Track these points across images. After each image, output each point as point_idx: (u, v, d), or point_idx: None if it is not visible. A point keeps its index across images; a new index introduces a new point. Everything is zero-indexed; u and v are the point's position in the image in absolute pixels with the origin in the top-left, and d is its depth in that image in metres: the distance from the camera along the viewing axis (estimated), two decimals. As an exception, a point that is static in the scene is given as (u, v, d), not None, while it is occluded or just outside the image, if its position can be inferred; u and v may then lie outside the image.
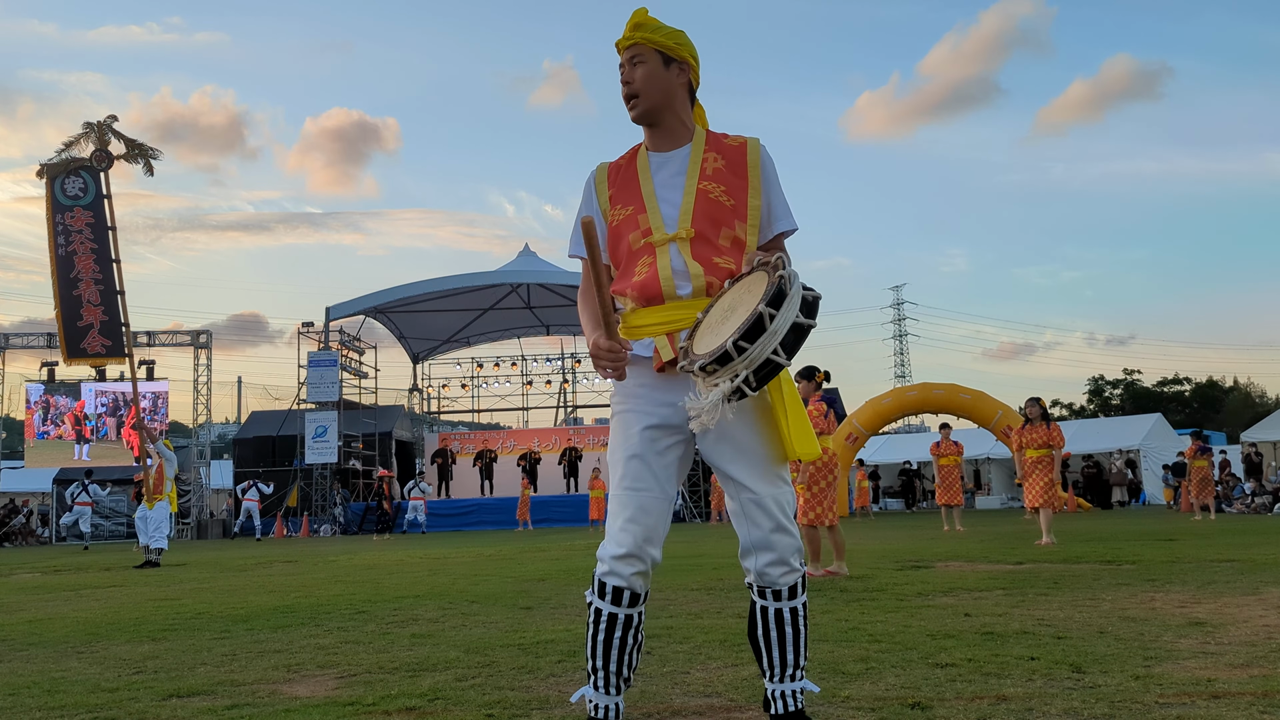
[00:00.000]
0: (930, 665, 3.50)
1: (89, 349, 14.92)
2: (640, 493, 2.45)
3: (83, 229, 14.66)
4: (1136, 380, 60.96)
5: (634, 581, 2.45)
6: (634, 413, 2.51)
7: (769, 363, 2.20)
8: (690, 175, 2.54)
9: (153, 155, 14.50)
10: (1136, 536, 11.37)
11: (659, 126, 2.60)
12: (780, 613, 2.46)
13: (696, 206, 2.50)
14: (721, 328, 2.29)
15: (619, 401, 2.55)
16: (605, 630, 2.47)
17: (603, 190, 2.63)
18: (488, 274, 30.53)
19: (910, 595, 5.77)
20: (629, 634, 2.48)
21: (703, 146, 2.59)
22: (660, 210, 2.52)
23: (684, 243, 2.48)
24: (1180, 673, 3.23)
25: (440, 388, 35.82)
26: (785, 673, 2.47)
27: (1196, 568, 6.93)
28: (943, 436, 15.92)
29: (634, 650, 2.52)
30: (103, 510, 27.93)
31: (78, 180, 14.60)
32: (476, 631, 4.88)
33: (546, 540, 16.45)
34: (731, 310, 2.32)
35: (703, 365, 2.23)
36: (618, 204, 2.58)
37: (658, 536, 2.47)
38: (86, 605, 7.21)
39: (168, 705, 3.32)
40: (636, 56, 2.54)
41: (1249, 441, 26.66)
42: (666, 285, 2.47)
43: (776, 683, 2.47)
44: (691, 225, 2.48)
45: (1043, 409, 11.62)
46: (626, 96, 2.56)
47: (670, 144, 2.60)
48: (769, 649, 2.48)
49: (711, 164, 2.56)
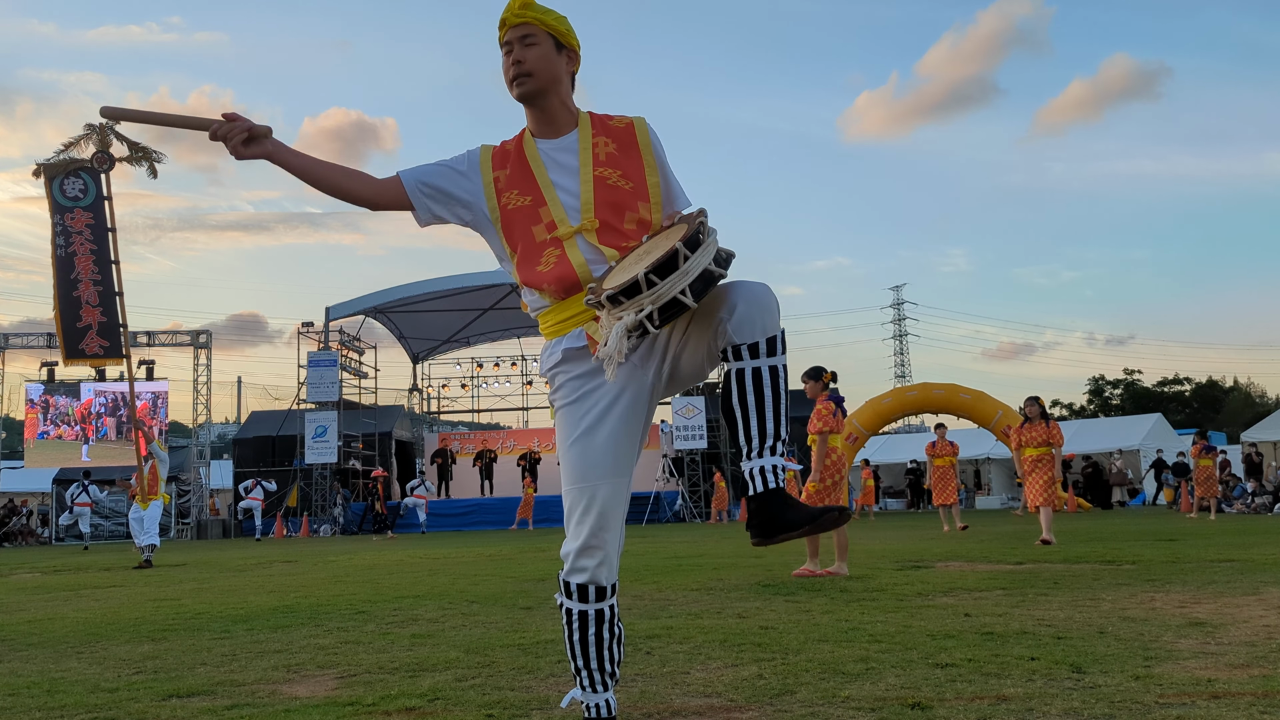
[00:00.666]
0: (930, 665, 3.50)
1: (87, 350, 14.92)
2: (590, 485, 2.43)
3: (83, 230, 14.65)
4: (1137, 380, 60.96)
5: (597, 574, 2.45)
6: (578, 402, 2.48)
7: (675, 302, 2.16)
8: (584, 163, 2.52)
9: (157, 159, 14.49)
10: (1136, 536, 11.37)
11: (544, 110, 2.56)
12: (759, 372, 2.28)
13: (597, 196, 2.49)
14: (634, 266, 2.26)
15: (562, 397, 2.51)
16: (580, 629, 2.48)
17: (488, 169, 2.57)
18: (488, 274, 30.50)
19: (910, 595, 5.77)
20: (604, 629, 2.48)
21: (590, 131, 2.57)
22: (561, 201, 2.50)
23: (590, 233, 2.47)
24: (1180, 673, 3.23)
25: (440, 388, 35.82)
26: (765, 444, 2.28)
27: (1197, 568, 6.92)
28: (938, 437, 15.91)
29: (616, 646, 2.53)
30: (103, 510, 27.92)
31: (78, 181, 14.60)
32: (476, 631, 4.88)
33: (546, 540, 16.45)
34: (646, 253, 2.31)
35: (610, 295, 2.19)
36: (511, 189, 2.53)
37: (614, 523, 2.45)
38: (86, 605, 7.21)
39: (168, 705, 3.32)
40: (529, 36, 2.51)
41: (1249, 441, 26.65)
42: (583, 271, 2.44)
43: (756, 458, 2.28)
44: (595, 216, 2.47)
45: (1041, 408, 11.62)
46: (515, 75, 2.51)
47: (555, 130, 2.57)
48: (746, 415, 2.29)
49: (603, 149, 2.54)
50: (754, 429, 2.28)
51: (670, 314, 2.18)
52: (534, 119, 2.59)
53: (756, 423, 2.28)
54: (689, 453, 27.47)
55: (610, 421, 2.45)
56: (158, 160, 14.53)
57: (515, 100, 2.58)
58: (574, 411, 2.48)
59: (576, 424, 2.47)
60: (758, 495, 2.26)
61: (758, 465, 2.27)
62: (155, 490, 13.22)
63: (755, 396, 2.28)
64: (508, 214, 2.54)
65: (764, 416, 2.29)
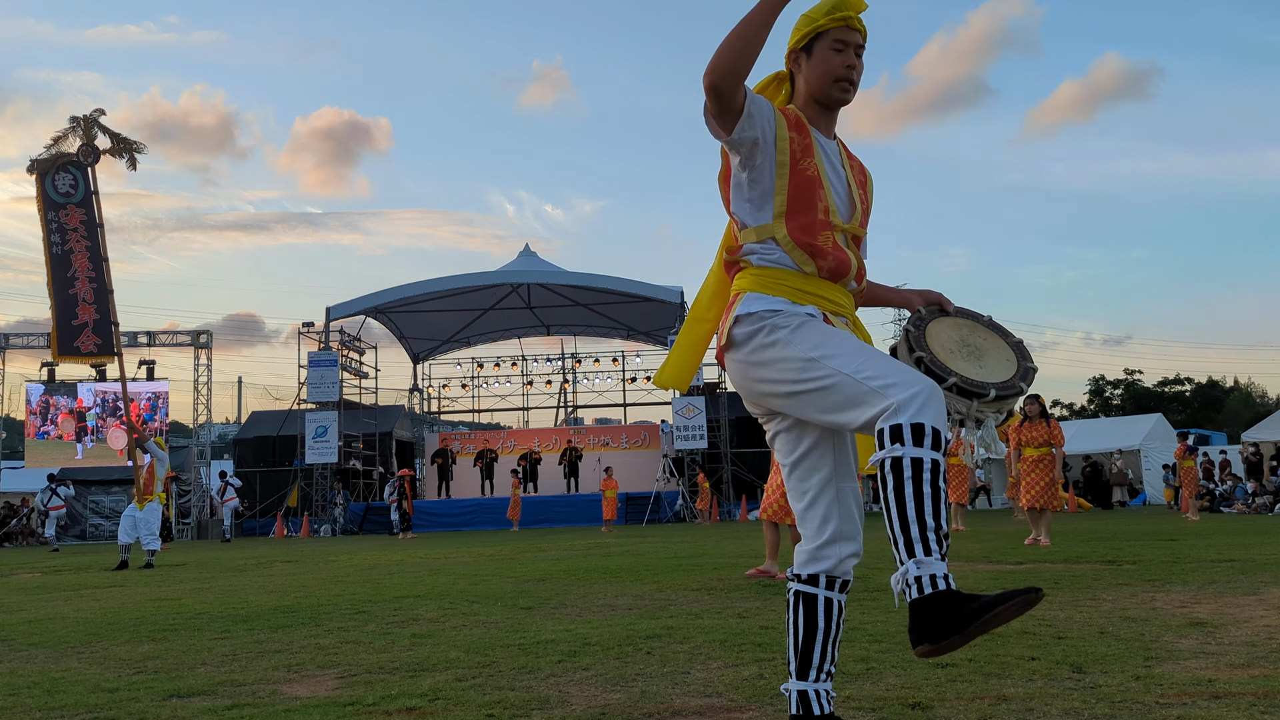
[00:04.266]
0: (930, 665, 3.50)
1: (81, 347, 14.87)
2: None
3: (77, 226, 14.61)
4: (1137, 380, 60.95)
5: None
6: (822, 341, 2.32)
7: (1010, 413, 2.48)
8: (849, 173, 2.57)
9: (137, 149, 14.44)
10: (1137, 536, 11.37)
11: (833, 115, 2.58)
12: (842, 607, 2.41)
13: (863, 207, 2.57)
14: (981, 364, 2.51)
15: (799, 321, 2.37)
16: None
17: (783, 125, 2.44)
18: (488, 274, 30.53)
19: (910, 595, 5.76)
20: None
21: (845, 151, 2.62)
22: (833, 194, 2.49)
23: (851, 235, 2.52)
24: (1181, 673, 3.23)
25: (440, 388, 35.82)
26: (830, 671, 2.39)
27: (1197, 568, 6.92)
28: (952, 435, 15.95)
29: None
30: (103, 511, 27.93)
31: (68, 176, 14.54)
32: (476, 631, 4.88)
33: (546, 540, 16.45)
34: (974, 349, 2.55)
35: (997, 395, 2.41)
36: (808, 157, 2.45)
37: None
38: (86, 605, 7.21)
39: (168, 705, 3.32)
40: (860, 49, 2.51)
41: (1249, 441, 26.63)
42: (855, 269, 2.50)
43: (819, 682, 2.36)
44: (862, 224, 2.55)
45: (1042, 406, 11.62)
46: (851, 84, 2.49)
47: (827, 133, 2.57)
48: (825, 644, 2.37)
49: (856, 173, 2.61)
50: (830, 656, 2.37)
51: (1000, 416, 2.50)
52: (817, 116, 2.55)
53: (833, 652, 2.38)
54: (689, 453, 27.47)
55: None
56: (138, 151, 14.47)
57: (822, 101, 2.52)
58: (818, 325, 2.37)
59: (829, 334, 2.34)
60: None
61: (817, 688, 2.36)
62: (151, 490, 13.15)
63: (838, 630, 2.40)
64: (801, 177, 2.44)
65: (838, 647, 2.39)
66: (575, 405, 35.83)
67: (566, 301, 32.21)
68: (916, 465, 2.10)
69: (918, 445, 2.10)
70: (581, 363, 34.59)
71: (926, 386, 2.16)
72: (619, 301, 30.85)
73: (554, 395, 35.06)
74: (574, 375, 34.85)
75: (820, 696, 2.37)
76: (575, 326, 34.47)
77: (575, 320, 33.97)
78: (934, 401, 2.14)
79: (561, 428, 33.47)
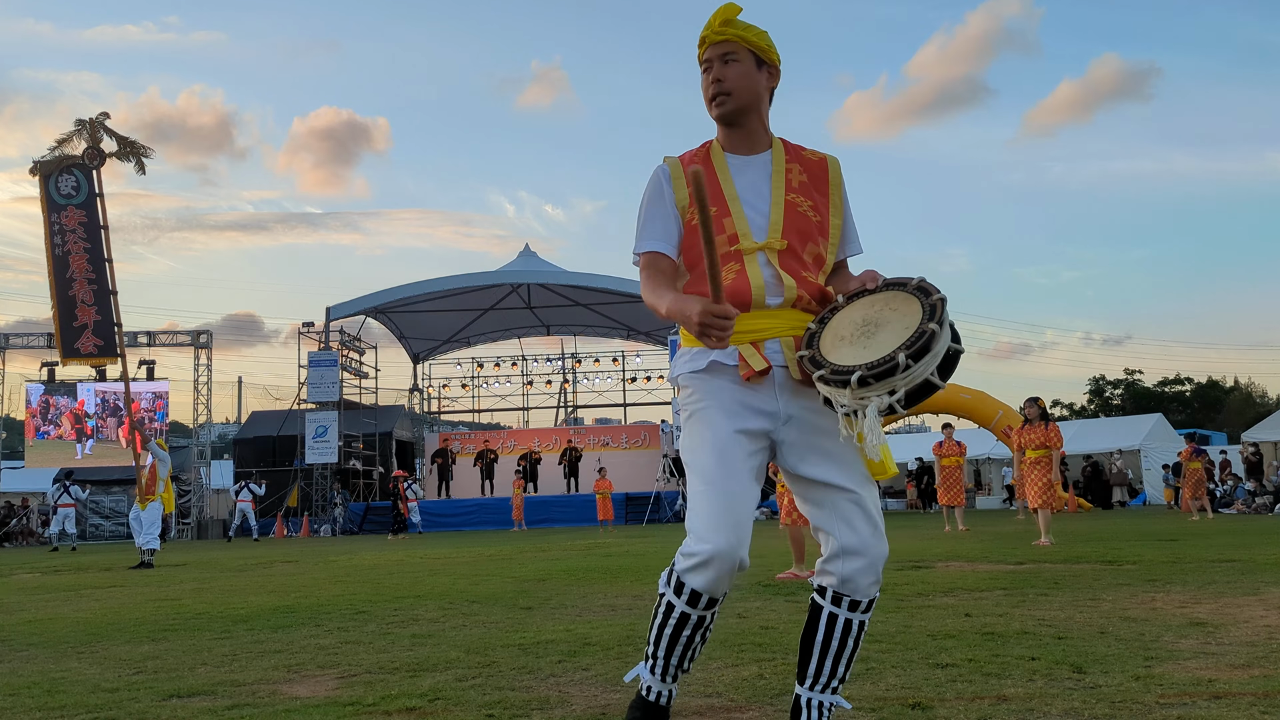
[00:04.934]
0: (931, 665, 3.50)
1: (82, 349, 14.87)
2: (731, 492, 2.31)
3: (76, 228, 14.60)
4: (1137, 380, 60.94)
5: (718, 585, 2.33)
6: (720, 410, 2.38)
7: (926, 384, 2.15)
8: (776, 185, 2.48)
9: (145, 154, 14.40)
10: (1137, 536, 11.37)
11: (741, 128, 2.52)
12: (849, 624, 2.37)
13: (786, 218, 2.44)
14: (868, 341, 2.23)
15: (698, 399, 2.42)
16: (675, 627, 2.40)
17: (679, 185, 2.49)
18: (488, 274, 30.54)
19: (910, 595, 5.77)
20: (698, 633, 2.42)
21: (783, 156, 2.53)
22: (747, 216, 2.44)
23: (773, 253, 2.42)
24: (1181, 673, 3.23)
25: (440, 388, 35.83)
26: (828, 684, 2.38)
27: (1197, 568, 6.92)
28: (945, 437, 15.93)
29: (699, 646, 2.46)
30: (102, 510, 27.93)
31: (70, 179, 14.53)
32: (476, 631, 4.88)
33: (546, 540, 16.45)
34: (872, 324, 2.27)
35: (861, 377, 2.14)
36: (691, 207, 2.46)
37: (747, 536, 2.34)
38: (86, 605, 7.21)
39: (168, 705, 3.32)
40: (729, 54, 2.46)
41: (1249, 441, 26.63)
42: (758, 294, 2.39)
43: (813, 691, 2.38)
44: (782, 236, 2.43)
45: (1041, 409, 11.63)
46: (715, 94, 2.47)
47: (749, 148, 2.52)
48: (822, 657, 2.37)
49: (796, 176, 2.51)
50: (826, 669, 2.39)
51: (920, 397, 2.17)
52: (729, 136, 2.54)
53: (830, 664, 2.40)
54: (689, 453, 27.43)
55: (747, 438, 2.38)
56: (146, 156, 14.43)
57: (714, 120, 2.53)
58: (714, 415, 2.39)
59: (715, 428, 2.38)
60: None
61: (815, 698, 2.39)
62: (153, 491, 13.18)
63: (839, 645, 2.39)
64: (691, 229, 2.46)
65: (838, 661, 2.40)
66: (575, 405, 35.84)
67: (566, 301, 32.21)
68: (668, 609, 2.41)
69: (677, 595, 2.39)
70: (581, 363, 34.60)
71: (713, 553, 2.29)
72: (619, 301, 30.84)
73: (554, 395, 35.08)
74: (574, 375, 34.86)
75: (811, 707, 2.38)
76: (575, 326, 34.47)
77: (575, 320, 33.97)
78: (708, 568, 2.31)
79: (561, 428, 33.47)
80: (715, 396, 2.40)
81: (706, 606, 2.37)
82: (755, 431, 2.38)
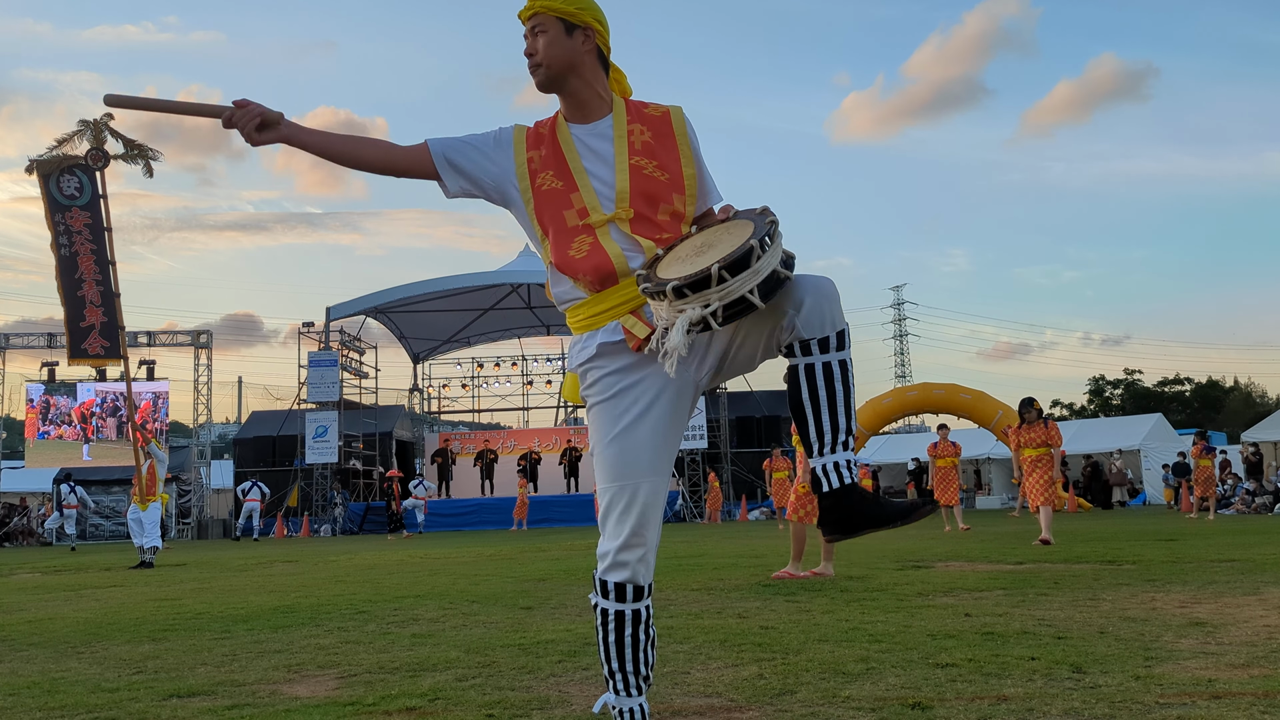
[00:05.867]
0: (930, 665, 3.50)
1: (89, 350, 14.89)
2: (631, 483, 2.36)
3: (82, 230, 14.58)
4: (1137, 380, 60.94)
5: (637, 571, 2.36)
6: (616, 398, 2.40)
7: (743, 300, 2.11)
8: (619, 151, 2.46)
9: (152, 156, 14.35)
10: (1136, 536, 11.37)
11: (570, 96, 2.51)
12: (829, 366, 2.25)
13: (633, 185, 2.43)
14: (697, 259, 2.20)
15: (597, 392, 2.42)
16: (616, 630, 2.40)
17: (521, 150, 2.50)
18: (488, 274, 30.54)
19: (910, 595, 5.77)
20: (640, 630, 2.41)
21: (625, 118, 2.51)
22: (594, 188, 2.44)
23: (623, 223, 2.41)
24: (1181, 673, 3.23)
25: (440, 388, 35.83)
26: (837, 439, 2.26)
27: (1197, 568, 6.92)
28: (940, 437, 15.93)
29: (649, 648, 2.46)
30: (103, 510, 27.93)
31: (73, 180, 14.49)
32: (476, 631, 4.88)
33: (546, 540, 16.45)
34: (708, 246, 2.24)
35: (676, 286, 2.12)
36: (546, 171, 2.47)
37: (654, 520, 2.39)
38: (86, 605, 7.21)
39: (168, 705, 3.32)
40: (538, 26, 2.47)
41: (1249, 441, 26.63)
42: (619, 263, 2.38)
43: (828, 454, 2.26)
44: (630, 205, 2.42)
45: (1038, 410, 11.66)
46: (531, 67, 2.50)
47: (586, 115, 2.51)
48: (818, 411, 2.26)
49: (639, 136, 2.49)
50: (825, 425, 2.26)
51: (735, 312, 2.14)
52: (564, 104, 2.54)
53: (829, 418, 2.26)
54: (689, 453, 27.47)
55: (651, 418, 2.39)
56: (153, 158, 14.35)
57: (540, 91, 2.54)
58: (613, 408, 2.40)
59: (616, 420, 2.39)
60: (834, 491, 2.24)
61: (831, 461, 2.25)
62: (154, 491, 13.23)
63: (827, 391, 2.25)
64: (540, 195, 2.46)
65: (835, 412, 2.26)
66: (575, 405, 35.82)
67: (567, 301, 32.18)
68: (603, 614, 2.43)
69: (603, 597, 2.42)
70: (581, 363, 34.55)
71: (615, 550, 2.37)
72: (619, 301, 30.82)
73: (554, 395, 35.06)
74: (574, 375, 34.82)
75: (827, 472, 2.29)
76: (575, 326, 34.43)
77: (575, 320, 33.93)
78: (617, 570, 2.38)
79: (561, 428, 33.46)
80: (614, 384, 2.41)
81: (635, 598, 2.39)
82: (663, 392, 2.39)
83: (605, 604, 2.41)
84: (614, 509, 2.39)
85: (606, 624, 2.41)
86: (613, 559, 2.38)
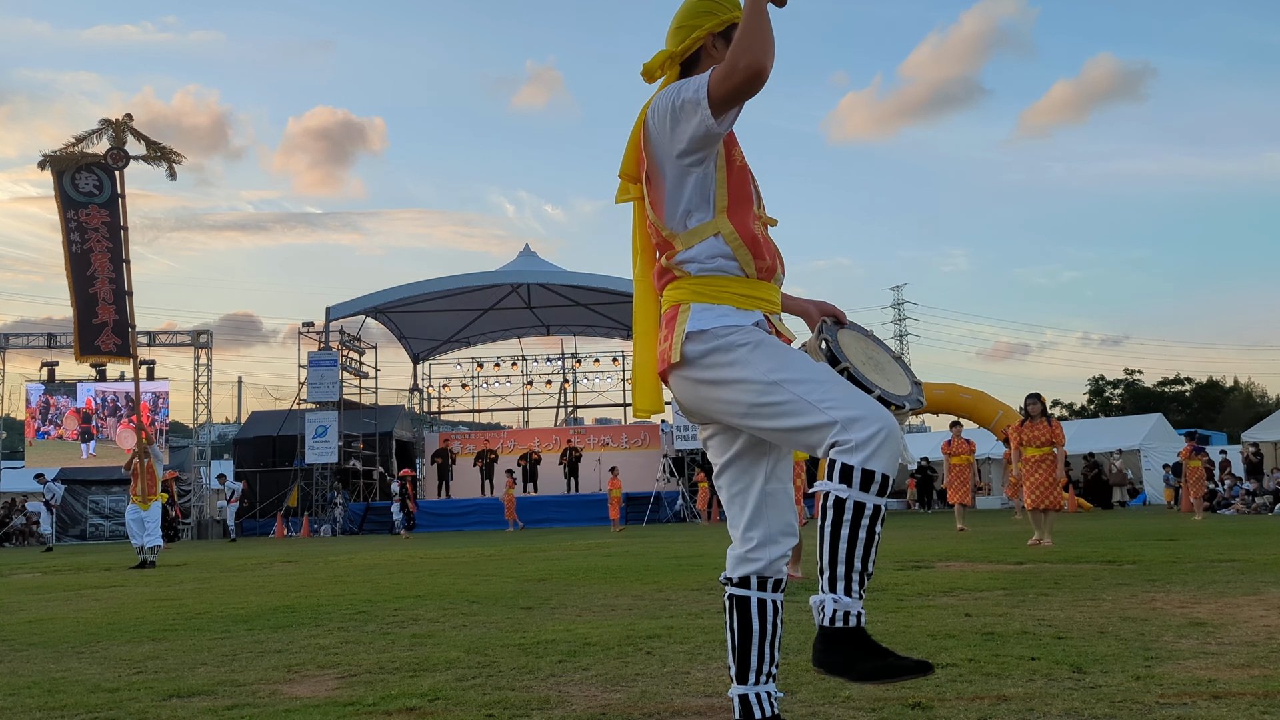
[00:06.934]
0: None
1: (102, 346, 14.87)
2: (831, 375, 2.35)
3: (99, 227, 14.57)
4: (1137, 380, 60.95)
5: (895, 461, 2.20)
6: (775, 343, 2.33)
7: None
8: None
9: (176, 160, 14.35)
10: (1136, 536, 11.37)
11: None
12: (778, 605, 2.40)
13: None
14: (885, 375, 2.52)
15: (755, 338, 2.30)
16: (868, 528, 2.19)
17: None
18: (488, 274, 30.54)
19: (910, 595, 5.77)
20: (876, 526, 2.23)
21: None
22: (756, 185, 2.49)
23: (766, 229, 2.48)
24: (1181, 673, 3.23)
25: (440, 388, 35.82)
26: (765, 673, 2.37)
27: (1197, 568, 6.92)
28: (954, 435, 15.96)
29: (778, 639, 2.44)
30: (103, 511, 27.93)
31: (91, 177, 14.47)
32: (476, 631, 4.88)
33: (546, 540, 16.45)
34: (879, 364, 2.58)
35: (910, 408, 2.45)
36: (738, 148, 2.45)
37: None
38: (86, 605, 7.21)
39: (168, 705, 3.32)
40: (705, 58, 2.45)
41: (1249, 441, 26.62)
42: (780, 270, 2.46)
43: (752, 685, 2.36)
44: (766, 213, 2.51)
45: (1043, 406, 11.61)
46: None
47: None
48: (766, 647, 2.37)
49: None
50: (767, 657, 2.37)
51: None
52: None
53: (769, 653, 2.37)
54: (689, 453, 27.49)
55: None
56: (177, 161, 14.35)
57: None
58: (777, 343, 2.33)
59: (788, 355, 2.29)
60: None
61: (757, 690, 2.36)
62: (154, 490, 13.26)
63: (773, 630, 2.39)
64: (734, 168, 2.40)
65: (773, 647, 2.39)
66: (575, 405, 35.83)
67: (566, 301, 32.20)
68: (858, 510, 2.17)
69: (864, 490, 2.16)
70: (581, 363, 34.58)
71: (886, 427, 2.17)
72: (619, 301, 30.82)
73: (554, 395, 35.06)
74: (574, 375, 34.84)
75: (762, 699, 2.36)
76: (575, 326, 34.45)
77: (575, 320, 33.96)
78: (889, 444, 2.16)
79: (561, 428, 33.45)
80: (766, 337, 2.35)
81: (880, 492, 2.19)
82: None
83: (862, 498, 2.17)
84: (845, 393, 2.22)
85: (860, 518, 2.17)
86: (880, 442, 2.15)
